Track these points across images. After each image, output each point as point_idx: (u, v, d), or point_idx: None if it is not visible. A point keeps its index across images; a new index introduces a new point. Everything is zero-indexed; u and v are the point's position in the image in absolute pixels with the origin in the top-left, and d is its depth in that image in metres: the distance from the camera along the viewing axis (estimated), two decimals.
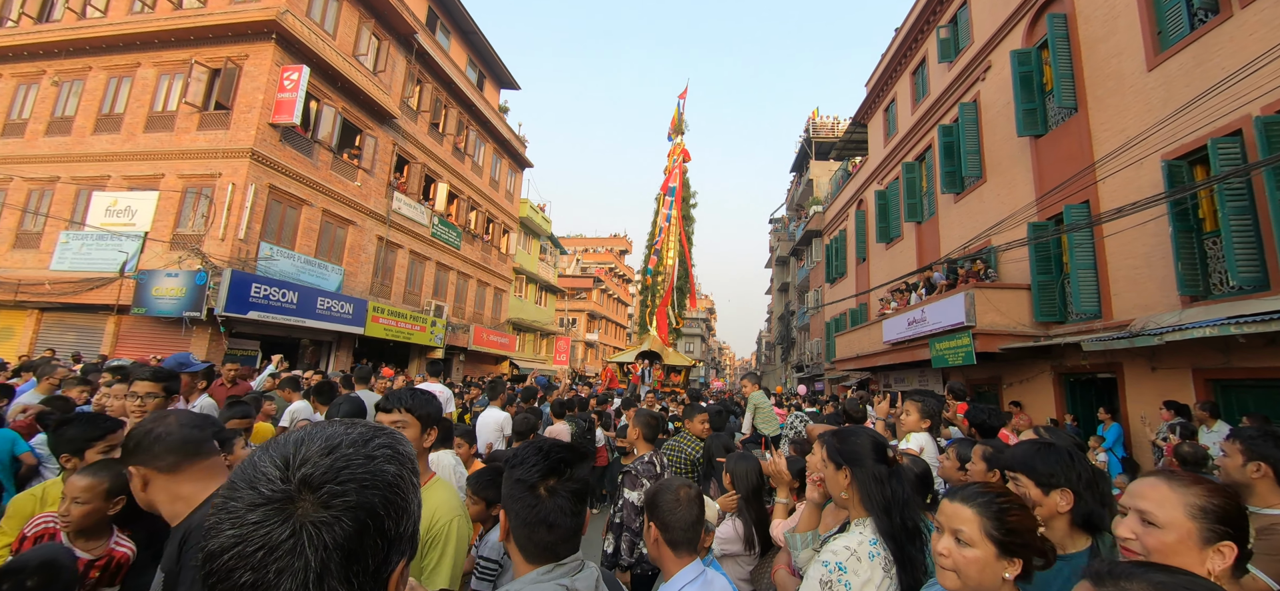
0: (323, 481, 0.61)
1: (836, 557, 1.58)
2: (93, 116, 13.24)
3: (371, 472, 0.64)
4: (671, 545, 1.67)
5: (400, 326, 15.55)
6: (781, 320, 34.98)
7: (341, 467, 0.63)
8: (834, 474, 1.79)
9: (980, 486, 1.41)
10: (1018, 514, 1.31)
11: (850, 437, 1.78)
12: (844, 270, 20.29)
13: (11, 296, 11.75)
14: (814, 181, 25.09)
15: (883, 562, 1.57)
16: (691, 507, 1.69)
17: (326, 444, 0.65)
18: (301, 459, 0.62)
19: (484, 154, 21.57)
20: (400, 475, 0.67)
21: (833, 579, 1.55)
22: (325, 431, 0.67)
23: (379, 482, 0.64)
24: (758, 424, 5.59)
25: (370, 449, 0.67)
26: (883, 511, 1.62)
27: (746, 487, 2.70)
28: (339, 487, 0.61)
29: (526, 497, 1.20)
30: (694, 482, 1.86)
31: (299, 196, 13.00)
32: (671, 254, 17.77)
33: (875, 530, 1.63)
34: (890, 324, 13.13)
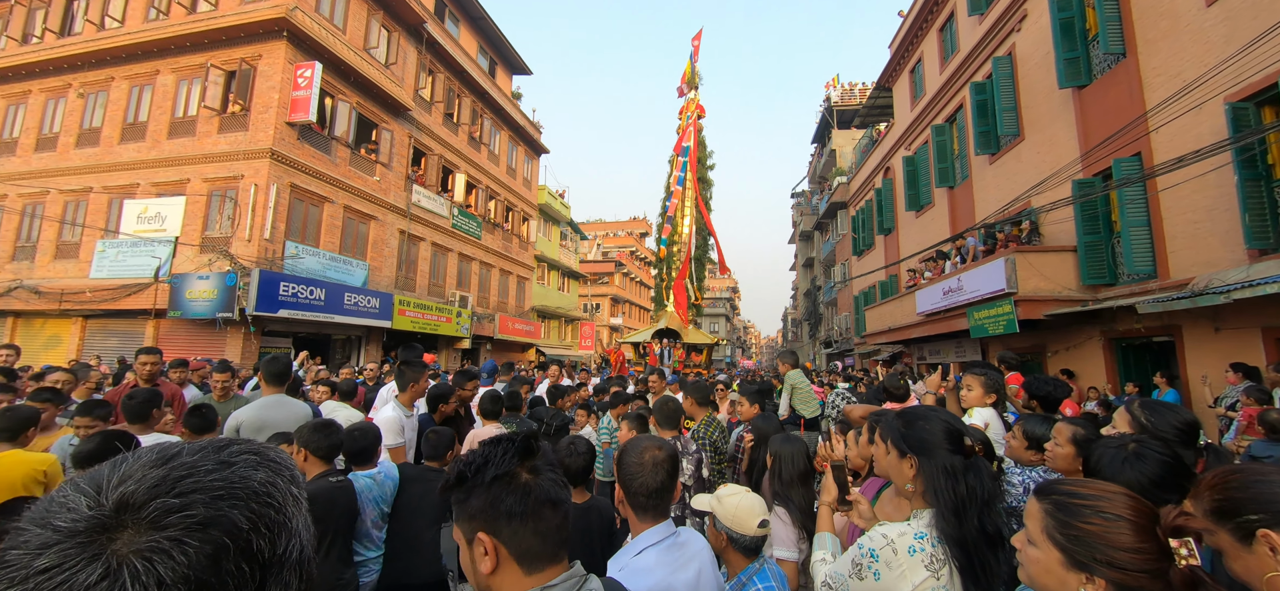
0: (150, 497, 0.45)
1: (872, 544, 1.41)
2: (118, 126, 13.49)
3: (227, 480, 0.48)
4: (635, 508, 1.57)
5: (427, 318, 15.66)
6: (807, 296, 34.38)
7: (181, 477, 0.47)
8: (897, 462, 1.58)
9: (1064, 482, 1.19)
10: (1097, 521, 1.02)
11: (918, 422, 1.55)
12: (871, 242, 19.71)
13: (57, 305, 12.15)
14: (836, 152, 24.36)
15: (928, 561, 1.36)
16: (656, 473, 1.56)
17: (159, 455, 0.49)
18: (121, 476, 0.47)
19: (499, 142, 21.45)
20: (272, 482, 0.50)
21: (863, 563, 1.40)
22: (163, 445, 0.52)
23: (240, 491, 0.48)
24: (795, 404, 5.37)
25: (226, 454, 0.51)
26: (952, 512, 1.40)
27: (792, 472, 2.51)
28: (177, 500, 0.45)
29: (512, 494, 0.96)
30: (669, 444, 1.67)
31: (320, 194, 13.08)
32: (687, 221, 16.43)
33: (930, 526, 1.42)
34: (924, 294, 12.68)
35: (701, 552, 1.57)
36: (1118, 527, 1.00)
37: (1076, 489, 1.10)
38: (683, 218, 16.55)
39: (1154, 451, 1.46)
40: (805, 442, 2.65)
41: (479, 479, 0.96)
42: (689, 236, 16.60)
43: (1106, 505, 1.03)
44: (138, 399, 3.22)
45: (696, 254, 17.32)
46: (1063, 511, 1.07)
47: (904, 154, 16.37)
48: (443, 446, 3.29)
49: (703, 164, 17.56)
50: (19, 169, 14.10)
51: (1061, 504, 1.08)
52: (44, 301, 12.35)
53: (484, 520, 0.96)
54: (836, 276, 24.61)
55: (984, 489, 1.40)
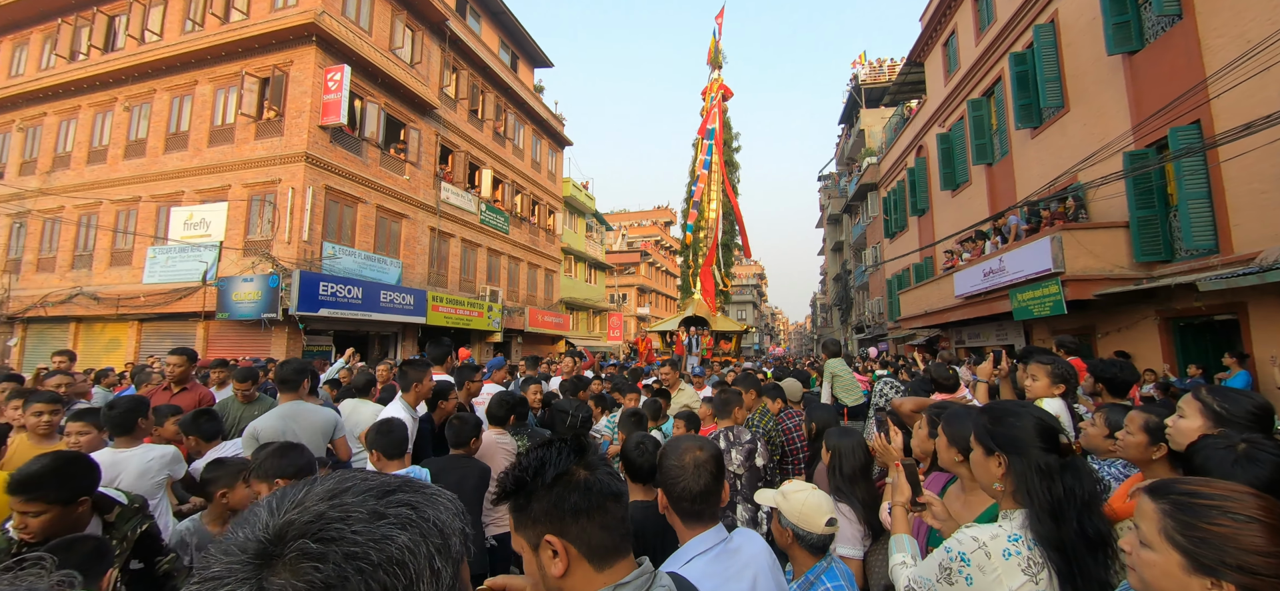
0: (299, 533, 0.45)
1: (962, 547, 1.34)
2: (162, 137, 14.00)
3: (369, 537, 0.46)
4: (680, 514, 1.48)
5: (459, 313, 15.92)
6: (837, 281, 33.76)
7: (334, 520, 0.46)
8: (983, 460, 1.51)
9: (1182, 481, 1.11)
10: (1225, 523, 0.96)
11: (1008, 418, 1.47)
12: (904, 223, 19.18)
13: (114, 310, 12.77)
14: (865, 132, 23.72)
15: (1025, 565, 1.30)
16: (698, 476, 1.47)
17: (334, 487, 0.50)
18: (293, 502, 0.48)
19: (523, 136, 21.56)
20: (413, 547, 0.48)
21: (953, 567, 1.33)
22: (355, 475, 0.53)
23: (373, 556, 0.46)
24: (837, 393, 5.26)
25: (384, 504, 0.49)
26: (1048, 514, 1.33)
27: (853, 466, 2.45)
28: (316, 547, 0.45)
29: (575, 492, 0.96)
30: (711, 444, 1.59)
31: (353, 194, 13.37)
32: (714, 205, 16.11)
33: (1024, 527, 1.35)
34: (962, 276, 12.30)
35: (756, 559, 1.48)
36: (1249, 529, 0.94)
37: (1198, 488, 1.04)
38: (709, 203, 16.22)
39: (1268, 453, 1.36)
40: (861, 435, 2.58)
41: (539, 482, 0.95)
42: (716, 221, 16.29)
43: (1235, 506, 0.97)
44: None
45: (724, 239, 17.00)
46: (1185, 512, 1.00)
47: (938, 131, 15.83)
48: (467, 433, 3.20)
49: (728, 146, 17.24)
50: (73, 181, 14.79)
51: (1182, 504, 1.01)
52: (103, 307, 12.99)
53: (549, 522, 0.94)
54: (867, 260, 24.08)
55: (1083, 489, 1.33)
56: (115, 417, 2.89)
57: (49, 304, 13.73)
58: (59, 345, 13.19)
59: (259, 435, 3.21)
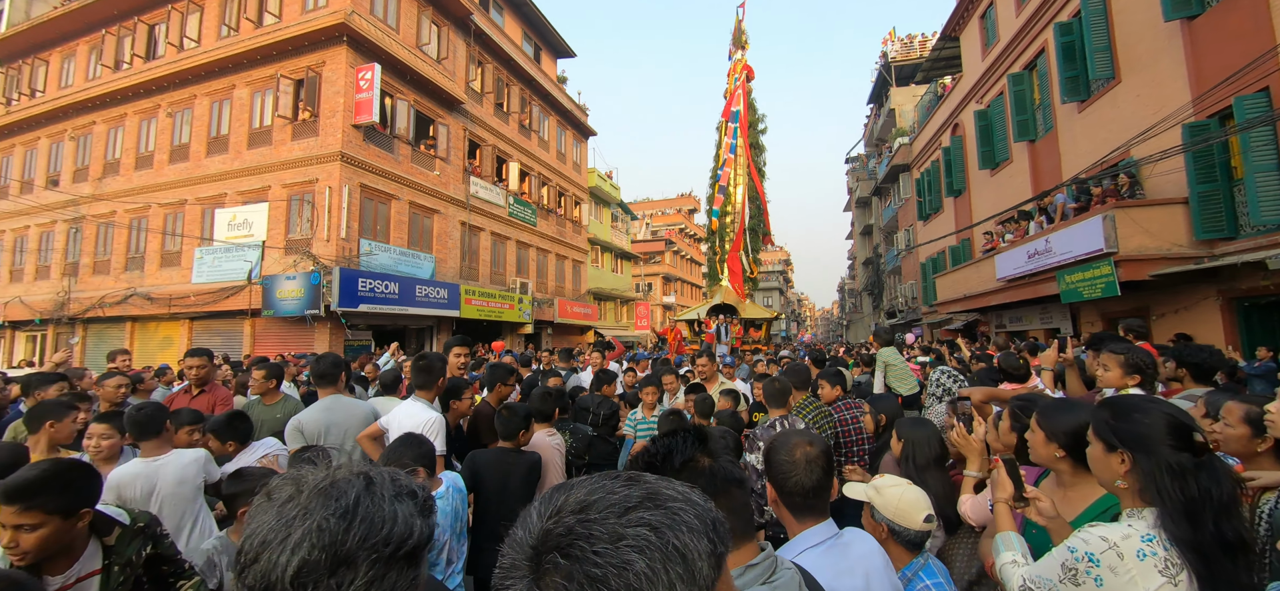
0: (553, 545, 0.47)
1: (1089, 547, 1.28)
2: (204, 141, 14.46)
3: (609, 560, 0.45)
4: (791, 509, 1.49)
5: (491, 306, 16.14)
6: (867, 266, 33.11)
7: (580, 537, 0.47)
8: (1103, 456, 1.44)
9: None
10: None
11: (1134, 414, 1.39)
12: (939, 205, 18.65)
13: (166, 309, 13.32)
14: (896, 111, 23.06)
15: (1161, 566, 1.23)
16: (810, 471, 1.46)
17: (587, 497, 0.50)
18: (557, 507, 0.50)
19: (548, 128, 21.60)
20: (649, 575, 0.46)
21: (1079, 568, 1.27)
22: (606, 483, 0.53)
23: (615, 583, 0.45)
24: (891, 382, 5.15)
25: (625, 522, 0.48)
26: (1182, 515, 1.26)
27: (927, 456, 2.39)
28: (564, 563, 0.46)
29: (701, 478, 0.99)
30: (820, 439, 1.57)
31: (386, 192, 13.62)
32: (740, 190, 15.79)
33: (1156, 527, 1.28)
34: (1004, 258, 11.93)
35: (868, 557, 1.47)
36: None
37: None
38: (735, 187, 15.94)
39: None
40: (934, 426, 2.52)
41: (667, 467, 0.99)
42: (742, 206, 16.00)
43: None
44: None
45: (751, 224, 16.71)
46: None
47: (975, 108, 15.29)
48: (516, 425, 3.11)
49: (754, 128, 16.91)
50: (123, 186, 15.41)
51: None
52: (155, 306, 13.56)
53: None
54: (900, 243, 23.53)
55: (1221, 491, 1.26)
56: (143, 420, 2.75)
57: (106, 304, 14.39)
58: (117, 344, 13.84)
59: (304, 428, 3.23)
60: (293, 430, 3.26)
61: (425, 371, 3.35)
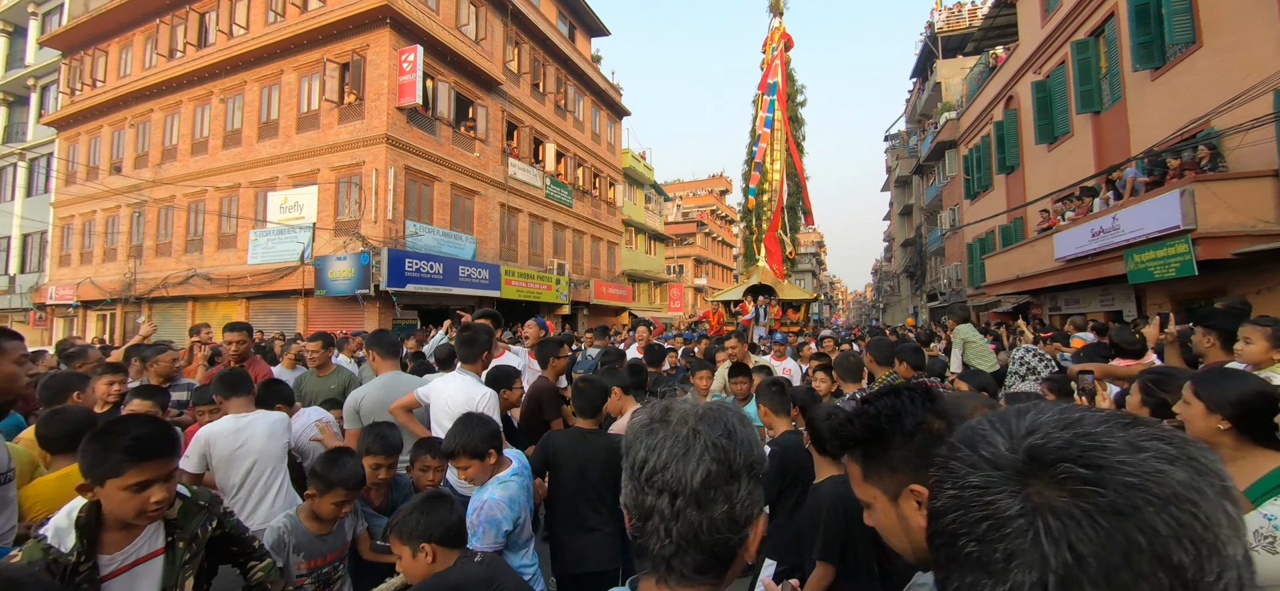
0: (1057, 457, 0.45)
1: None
2: (255, 126, 14.90)
3: (1139, 468, 0.42)
4: None
5: (529, 287, 16.32)
6: (906, 247, 32.17)
7: (1088, 448, 0.44)
8: None
9: None
10: None
11: None
12: (989, 182, 17.89)
13: (225, 289, 13.90)
14: (942, 85, 22.10)
15: None
16: None
17: (1062, 416, 0.49)
18: (1029, 427, 0.49)
19: (583, 108, 21.52)
20: (1195, 487, 0.42)
21: (1277, 535, 1.26)
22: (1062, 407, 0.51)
23: (1154, 487, 0.41)
24: (970, 360, 4.99)
25: (1133, 435, 0.44)
26: None
27: None
28: (1085, 472, 0.43)
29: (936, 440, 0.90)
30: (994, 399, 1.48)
31: (429, 173, 13.82)
32: (777, 166, 15.16)
33: None
34: (1064, 237, 11.39)
35: None
36: None
37: None
38: (773, 163, 15.43)
39: None
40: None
41: (897, 429, 0.90)
42: (780, 183, 15.52)
43: None
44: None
45: (789, 202, 16.26)
46: None
47: (1033, 79, 14.52)
48: (597, 399, 2.90)
49: (792, 100, 16.30)
50: (181, 172, 16.05)
51: None
52: (215, 287, 14.17)
53: (912, 470, 0.88)
54: (944, 224, 22.74)
55: None
56: (234, 379, 2.90)
57: (169, 284, 15.10)
58: (180, 323, 14.54)
59: (361, 408, 3.20)
60: (350, 410, 3.23)
61: (469, 343, 3.13)
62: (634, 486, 0.76)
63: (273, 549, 2.06)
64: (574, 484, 2.69)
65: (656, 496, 0.73)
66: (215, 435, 2.72)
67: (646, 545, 0.75)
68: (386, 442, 2.56)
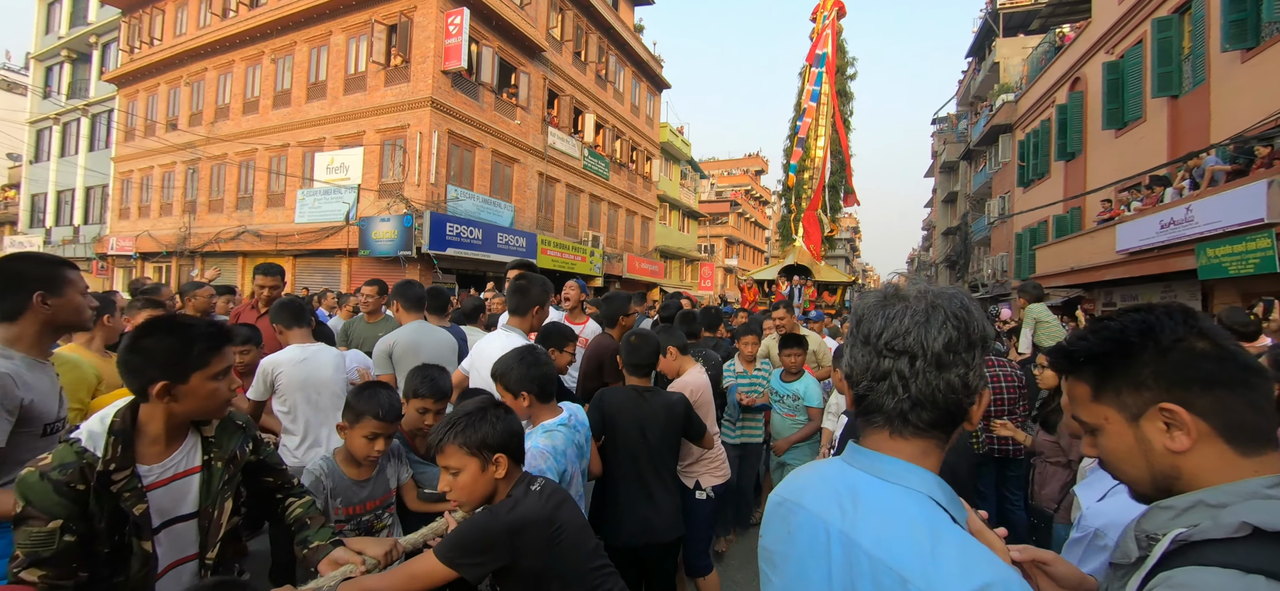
0: None
1: None
2: (304, 86, 15.16)
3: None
4: None
5: (564, 257, 16.37)
6: (948, 236, 31.10)
7: None
8: None
9: None
10: None
11: None
12: (1045, 170, 17.05)
13: (273, 246, 14.34)
14: (1001, 65, 21.02)
15: None
16: None
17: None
18: None
19: (623, 79, 21.24)
20: None
21: None
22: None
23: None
24: (1041, 340, 4.78)
25: None
26: None
27: None
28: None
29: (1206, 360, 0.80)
30: None
31: (472, 139, 13.88)
32: (821, 142, 14.37)
33: None
34: (1129, 228, 10.78)
35: None
36: None
37: None
38: (817, 139, 14.87)
39: None
40: None
41: (1150, 343, 0.80)
42: (823, 160, 14.96)
43: None
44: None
45: (831, 181, 15.70)
46: None
47: (1104, 59, 13.65)
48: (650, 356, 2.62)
49: (842, 73, 15.60)
50: (232, 130, 16.51)
51: None
52: (264, 243, 14.63)
53: (1165, 388, 0.79)
54: (991, 212, 21.85)
55: None
56: (296, 307, 2.93)
57: (221, 239, 15.67)
58: (232, 277, 15.08)
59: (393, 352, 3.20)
60: (381, 354, 3.22)
61: (521, 293, 2.80)
62: (867, 352, 0.85)
63: (310, 489, 1.88)
64: (634, 446, 2.47)
65: (895, 359, 0.82)
66: (282, 362, 2.69)
67: (878, 403, 0.84)
68: (435, 386, 2.32)
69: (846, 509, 0.82)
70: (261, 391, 2.72)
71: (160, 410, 1.36)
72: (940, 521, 0.76)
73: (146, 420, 1.38)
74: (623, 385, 2.67)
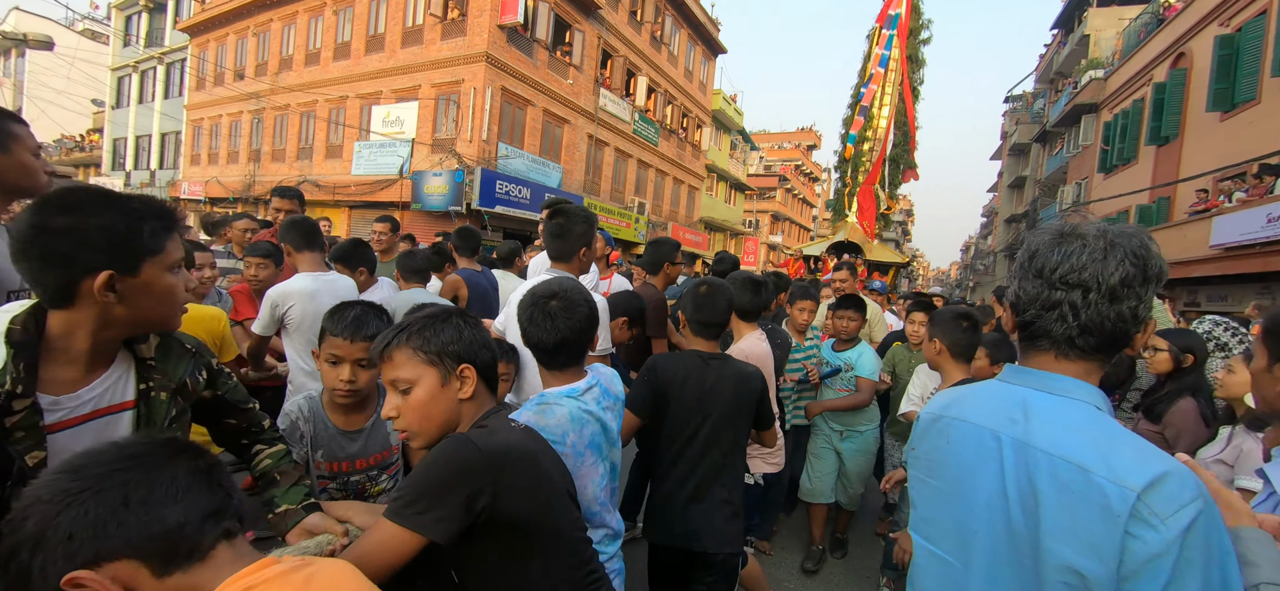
0: None
1: None
2: (363, 39, 15.36)
3: None
4: None
5: (609, 222, 16.25)
6: (1011, 223, 29.35)
7: None
8: None
9: None
10: None
11: None
12: (1133, 154, 15.69)
13: (330, 196, 14.79)
14: (1091, 38, 19.30)
15: None
16: None
17: None
18: None
19: (679, 41, 20.63)
20: None
21: None
22: None
23: None
24: None
25: None
26: None
27: None
28: None
29: None
30: None
31: (524, 97, 13.80)
32: (886, 111, 13.27)
33: None
34: (1227, 221, 9.86)
35: None
36: None
37: None
38: (881, 108, 13.92)
39: None
40: None
41: None
42: (886, 130, 13.99)
43: None
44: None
45: (893, 153, 14.75)
46: None
47: (1218, 32, 12.28)
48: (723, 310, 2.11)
49: (915, 35, 14.38)
50: (295, 81, 16.95)
51: None
52: (322, 193, 15.10)
53: None
54: (1065, 199, 20.39)
55: None
56: (306, 228, 2.69)
57: None
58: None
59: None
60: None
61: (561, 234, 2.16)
62: (1039, 284, 0.90)
63: (285, 434, 1.47)
64: (691, 425, 1.96)
65: (1068, 291, 0.87)
66: (291, 292, 2.40)
67: (1046, 329, 0.90)
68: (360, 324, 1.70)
69: (1017, 419, 0.90)
70: (268, 325, 2.42)
71: (89, 318, 0.97)
72: (1112, 424, 0.85)
73: (62, 333, 0.98)
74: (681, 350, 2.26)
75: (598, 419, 1.49)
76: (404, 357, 1.13)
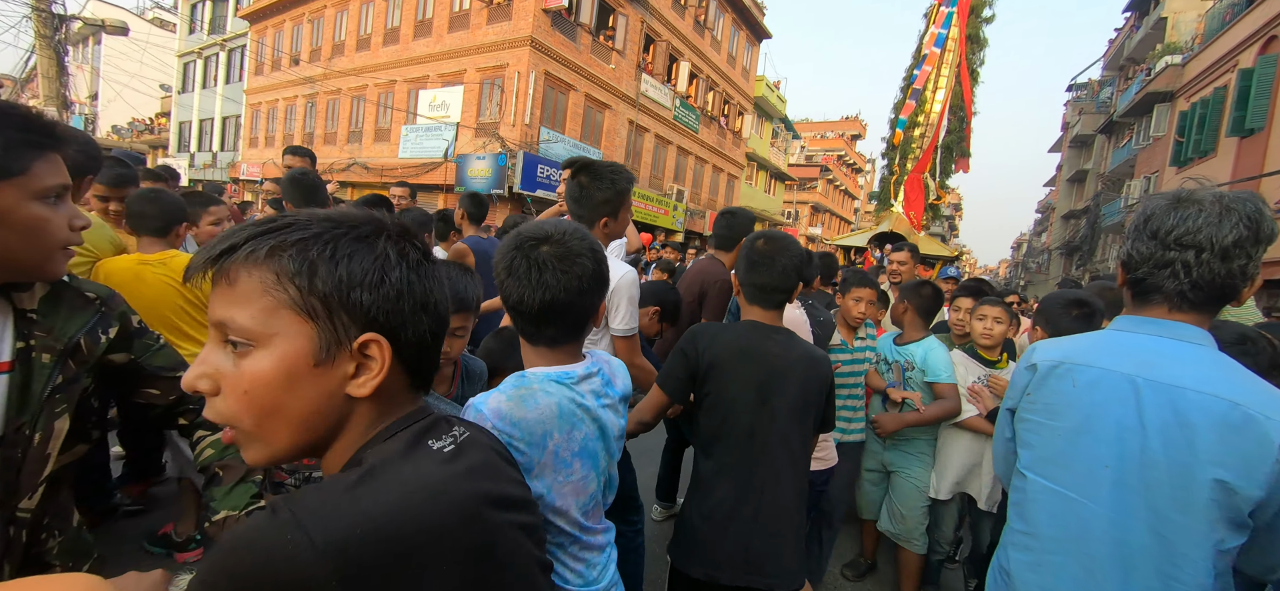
0: None
1: None
2: (412, 24, 15.66)
3: None
4: None
5: (647, 209, 16.21)
6: (1068, 220, 27.83)
7: None
8: None
9: None
10: None
11: None
12: (1211, 146, 14.60)
13: (378, 178, 15.23)
14: (1168, 21, 17.94)
15: None
16: None
17: None
18: None
19: (723, 26, 20.26)
20: None
21: None
22: None
23: None
24: None
25: None
26: None
27: None
28: None
29: None
30: None
31: (567, 81, 13.83)
32: (941, 94, 12.31)
33: None
34: None
35: None
36: None
37: None
38: (935, 91, 13.14)
39: None
40: None
41: None
42: (940, 115, 13.18)
43: None
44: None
45: (946, 141, 13.96)
46: None
47: None
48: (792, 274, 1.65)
49: (976, 13, 13.46)
50: (347, 66, 17.47)
51: None
52: (371, 176, 15.57)
53: None
54: (1131, 194, 19.16)
55: None
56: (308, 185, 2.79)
57: (333, 171, 16.82)
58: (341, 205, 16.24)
59: None
60: None
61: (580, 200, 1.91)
62: (1153, 244, 1.00)
63: None
64: (747, 416, 1.52)
65: (1182, 251, 0.97)
66: None
67: (1158, 284, 1.01)
68: (457, 292, 1.38)
69: (1150, 362, 0.99)
70: None
71: None
72: (1239, 365, 0.96)
73: None
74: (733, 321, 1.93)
75: (595, 419, 1.06)
76: (253, 287, 0.56)
